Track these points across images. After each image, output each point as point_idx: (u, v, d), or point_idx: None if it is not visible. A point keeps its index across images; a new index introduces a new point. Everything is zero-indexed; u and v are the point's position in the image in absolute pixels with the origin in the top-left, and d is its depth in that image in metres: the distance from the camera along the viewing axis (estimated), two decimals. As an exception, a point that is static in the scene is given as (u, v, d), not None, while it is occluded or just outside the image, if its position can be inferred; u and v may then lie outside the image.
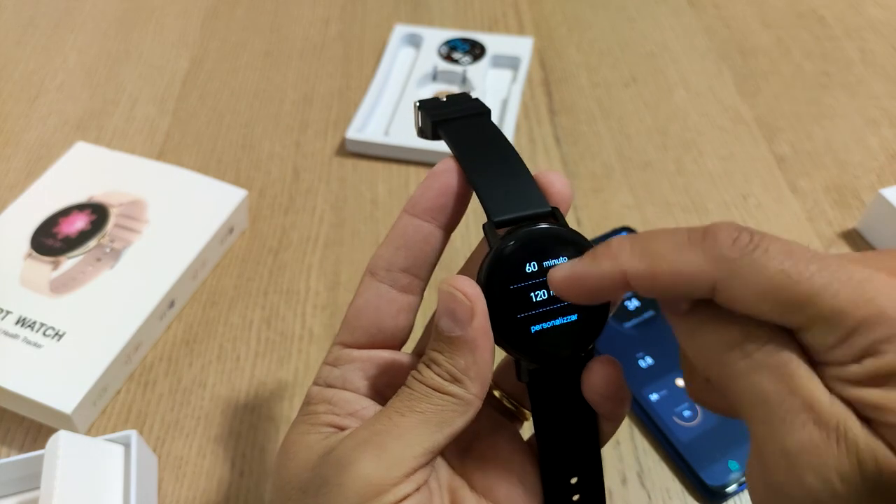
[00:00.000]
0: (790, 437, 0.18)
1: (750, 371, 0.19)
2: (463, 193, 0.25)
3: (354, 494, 0.22)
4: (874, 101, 0.59)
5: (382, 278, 0.26)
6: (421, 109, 0.27)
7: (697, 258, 0.19)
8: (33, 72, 0.63)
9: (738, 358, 0.19)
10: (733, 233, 0.19)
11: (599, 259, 0.21)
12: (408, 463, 0.22)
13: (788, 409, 0.18)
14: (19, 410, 0.40)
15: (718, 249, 0.19)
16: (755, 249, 0.19)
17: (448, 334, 0.23)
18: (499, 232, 0.24)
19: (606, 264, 0.21)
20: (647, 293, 0.21)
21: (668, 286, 0.20)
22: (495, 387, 0.29)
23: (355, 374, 0.26)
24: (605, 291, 0.22)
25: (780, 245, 0.19)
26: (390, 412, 0.23)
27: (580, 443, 0.25)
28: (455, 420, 0.23)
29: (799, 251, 0.19)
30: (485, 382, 0.23)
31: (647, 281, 0.20)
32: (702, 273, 0.19)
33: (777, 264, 0.18)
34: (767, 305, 0.19)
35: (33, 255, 0.44)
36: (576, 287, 0.22)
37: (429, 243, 0.25)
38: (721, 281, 0.19)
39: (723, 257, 0.19)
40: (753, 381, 0.19)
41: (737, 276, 0.19)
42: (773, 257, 0.18)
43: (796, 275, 0.18)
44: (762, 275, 0.18)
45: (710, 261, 0.19)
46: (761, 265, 0.18)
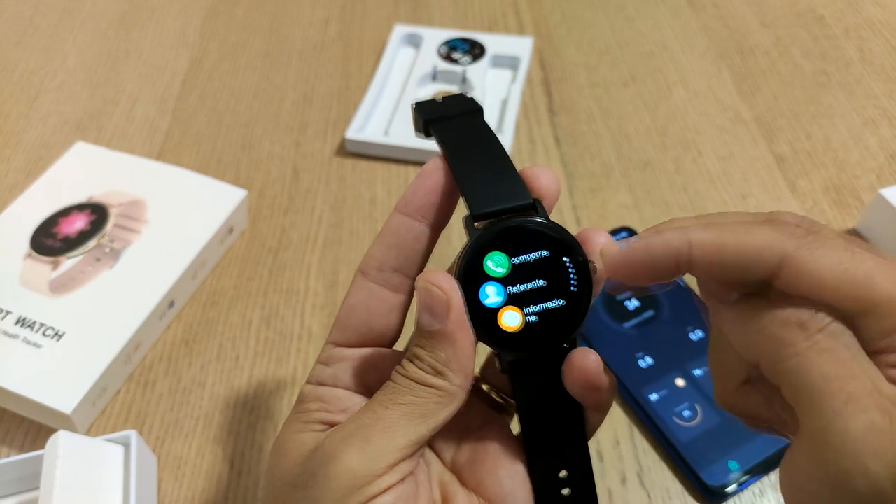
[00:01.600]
0: (852, 421, 0.18)
1: (811, 353, 0.19)
2: (452, 191, 0.26)
3: (340, 486, 0.22)
4: (873, 100, 0.59)
5: (374, 278, 0.26)
6: (416, 110, 0.28)
7: (767, 233, 0.20)
8: (33, 72, 0.63)
9: (801, 339, 0.19)
10: (797, 218, 0.20)
11: (663, 231, 0.21)
12: (392, 454, 0.23)
13: (850, 392, 0.18)
14: (19, 411, 0.40)
15: (786, 228, 0.20)
16: (819, 234, 0.19)
17: (427, 329, 0.23)
18: (477, 225, 0.24)
19: (672, 234, 0.21)
20: (710, 269, 0.21)
21: (735, 259, 0.20)
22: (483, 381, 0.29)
23: (347, 372, 0.26)
24: (664, 265, 0.21)
25: (841, 234, 0.20)
26: (375, 405, 0.24)
27: (566, 434, 0.25)
28: (439, 412, 0.23)
29: (855, 240, 0.20)
30: (467, 374, 0.24)
31: (713, 254, 0.20)
32: (772, 247, 0.20)
33: (842, 248, 0.19)
34: (831, 286, 0.19)
35: (33, 256, 0.44)
36: (635, 260, 0.22)
37: (419, 242, 0.26)
38: (790, 257, 0.19)
39: (792, 234, 0.20)
40: (815, 364, 0.19)
41: (805, 253, 0.19)
42: (836, 242, 0.19)
43: (859, 259, 0.19)
44: (828, 256, 0.19)
45: (780, 236, 0.20)
46: (827, 247, 0.19)
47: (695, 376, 0.40)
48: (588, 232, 0.25)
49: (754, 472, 0.37)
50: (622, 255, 0.22)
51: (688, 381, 0.40)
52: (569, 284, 0.24)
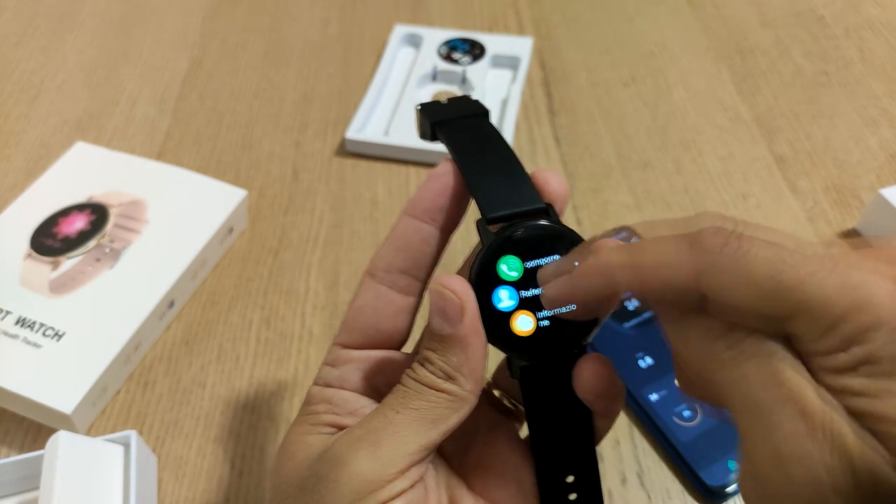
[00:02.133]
0: (776, 428, 0.18)
1: (736, 362, 0.19)
2: (462, 194, 0.25)
3: (350, 491, 0.22)
4: (873, 100, 0.59)
5: (382, 279, 0.26)
6: (421, 112, 0.28)
7: (682, 252, 0.20)
8: (33, 72, 0.63)
9: (724, 348, 0.19)
10: (717, 237, 0.19)
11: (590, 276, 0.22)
12: (402, 460, 0.22)
13: (774, 399, 0.18)
14: (19, 410, 0.40)
15: (704, 254, 0.19)
16: (740, 243, 0.19)
17: (440, 332, 0.23)
18: (491, 229, 0.24)
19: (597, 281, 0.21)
20: (639, 294, 0.21)
21: (655, 283, 0.20)
22: (494, 386, 0.29)
23: (354, 373, 0.26)
24: (599, 297, 0.22)
25: (766, 234, 0.19)
26: (385, 409, 0.23)
27: (574, 440, 0.25)
28: (450, 417, 0.23)
29: (784, 238, 0.19)
30: (478, 379, 0.23)
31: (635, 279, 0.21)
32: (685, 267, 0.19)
33: (761, 253, 0.18)
34: (752, 297, 0.18)
35: (33, 256, 0.44)
36: (572, 298, 0.22)
37: (428, 245, 0.26)
38: (704, 276, 0.19)
39: (709, 248, 0.19)
40: (739, 373, 0.19)
41: (721, 269, 0.19)
42: (757, 247, 0.18)
43: (779, 262, 0.18)
44: (747, 267, 0.18)
45: (693, 254, 0.19)
46: (747, 257, 0.18)
47: (695, 376, 0.40)
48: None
49: (754, 473, 0.37)
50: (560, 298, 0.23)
51: (688, 382, 0.40)
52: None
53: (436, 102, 0.28)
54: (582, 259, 0.22)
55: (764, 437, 0.18)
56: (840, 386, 0.18)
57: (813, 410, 0.17)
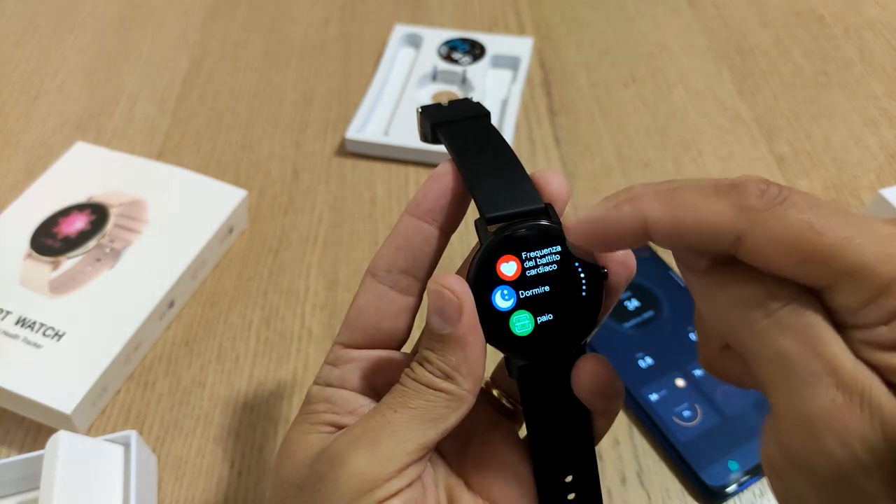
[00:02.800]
0: (812, 400, 0.17)
1: (772, 331, 0.18)
2: (463, 195, 0.26)
3: (348, 489, 0.22)
4: (873, 100, 0.59)
5: (383, 279, 0.26)
6: (422, 114, 0.28)
7: (723, 207, 0.19)
8: (33, 72, 0.63)
9: (761, 317, 0.19)
10: (761, 185, 0.19)
11: (620, 205, 0.21)
12: (400, 459, 0.22)
13: (811, 371, 0.17)
14: (19, 410, 0.40)
15: (745, 200, 0.19)
16: (783, 202, 0.18)
17: (438, 332, 0.23)
18: (490, 229, 0.24)
19: (627, 209, 0.20)
20: (668, 243, 0.20)
21: (691, 236, 0.19)
22: (493, 385, 0.29)
23: (355, 373, 0.26)
24: (622, 238, 0.21)
25: (808, 198, 0.18)
26: (384, 409, 0.23)
27: (573, 440, 0.25)
28: (448, 416, 0.23)
29: (827, 205, 0.18)
30: (477, 378, 0.23)
31: (669, 229, 0.20)
32: (727, 223, 0.19)
33: (803, 216, 0.18)
34: (792, 259, 0.18)
35: (33, 256, 0.44)
36: (592, 232, 0.22)
37: (429, 245, 0.26)
38: (746, 232, 0.18)
39: (749, 208, 0.18)
40: (775, 342, 0.18)
41: (762, 227, 0.18)
42: (799, 209, 0.18)
43: (821, 227, 0.17)
44: (787, 226, 0.18)
45: (735, 211, 0.19)
46: (787, 216, 0.18)
47: (695, 376, 0.40)
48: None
49: (754, 473, 0.37)
50: (581, 227, 0.22)
51: (688, 382, 0.40)
52: (580, 290, 0.24)
53: (437, 105, 0.28)
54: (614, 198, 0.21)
55: (798, 409, 0.18)
56: (879, 361, 0.17)
57: (851, 383, 0.17)
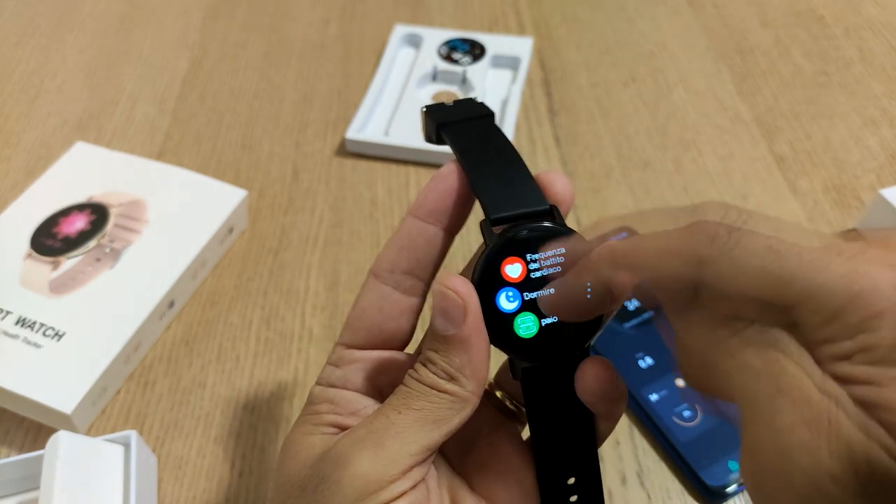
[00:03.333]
0: (780, 415, 0.18)
1: (739, 348, 0.19)
2: (466, 196, 0.25)
3: (352, 491, 0.22)
4: (873, 100, 0.59)
5: (385, 280, 0.26)
6: (426, 114, 0.28)
7: (683, 241, 0.19)
8: (33, 72, 0.63)
9: (728, 335, 0.19)
10: (721, 210, 0.19)
11: (580, 273, 0.22)
12: (405, 460, 0.22)
13: (778, 386, 0.18)
14: (19, 410, 0.40)
15: (705, 230, 0.19)
16: (741, 229, 0.19)
17: (443, 333, 0.23)
18: (495, 230, 0.24)
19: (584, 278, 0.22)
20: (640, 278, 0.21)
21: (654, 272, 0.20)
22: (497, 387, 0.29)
23: (357, 374, 0.26)
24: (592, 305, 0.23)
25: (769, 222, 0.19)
26: (388, 410, 0.23)
27: (576, 442, 0.25)
28: (452, 418, 0.23)
29: (788, 227, 0.18)
30: (481, 380, 0.23)
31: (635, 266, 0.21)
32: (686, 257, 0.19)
33: (763, 241, 0.18)
34: (754, 284, 0.18)
35: (33, 256, 0.44)
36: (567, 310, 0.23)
37: (432, 245, 0.26)
38: (705, 265, 0.19)
39: (710, 238, 0.19)
40: (742, 359, 0.19)
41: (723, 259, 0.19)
42: (756, 241, 0.18)
43: (783, 251, 0.18)
44: (748, 258, 0.18)
45: (694, 244, 0.19)
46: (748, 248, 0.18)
47: (695, 376, 0.40)
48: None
49: (754, 473, 0.37)
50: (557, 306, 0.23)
51: (688, 382, 0.40)
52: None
53: (441, 105, 0.28)
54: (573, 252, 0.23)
55: (765, 426, 0.18)
56: (844, 374, 0.17)
57: (813, 400, 0.17)
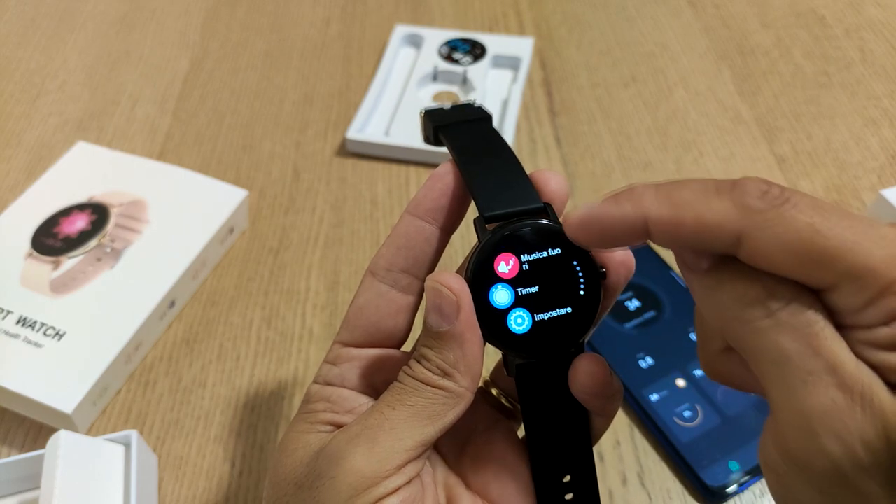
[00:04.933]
0: (812, 399, 0.17)
1: (772, 330, 0.18)
2: (463, 195, 0.26)
3: (347, 487, 0.22)
4: (874, 101, 0.59)
5: (383, 278, 0.26)
6: (425, 117, 0.28)
7: (725, 207, 0.19)
8: (34, 72, 0.63)
9: (761, 316, 0.18)
10: (763, 185, 0.18)
11: (621, 201, 0.21)
12: (399, 456, 0.23)
13: (811, 370, 0.17)
14: (20, 410, 0.40)
15: (747, 199, 0.18)
16: (785, 203, 0.18)
17: (436, 329, 0.23)
18: (489, 227, 0.24)
19: (628, 207, 0.20)
20: (668, 242, 0.20)
21: (691, 235, 0.19)
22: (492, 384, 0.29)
23: (354, 372, 0.26)
24: (622, 236, 0.21)
25: (811, 200, 0.18)
26: (382, 406, 0.24)
27: (571, 439, 0.25)
28: (446, 413, 0.23)
29: (830, 207, 0.18)
30: (475, 375, 0.23)
31: (669, 227, 0.20)
32: (728, 223, 0.19)
33: (806, 218, 0.18)
34: (794, 261, 0.18)
35: (34, 255, 0.44)
36: (592, 229, 0.21)
37: (430, 244, 0.26)
38: (748, 232, 0.18)
39: (751, 207, 0.18)
40: (775, 341, 0.18)
41: (764, 227, 0.18)
42: (802, 211, 0.18)
43: (826, 230, 0.17)
44: (790, 228, 0.18)
45: (737, 210, 0.18)
46: (790, 217, 0.18)
47: (695, 377, 0.40)
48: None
49: (755, 473, 0.37)
50: (580, 224, 0.22)
51: (688, 382, 0.40)
52: (578, 289, 0.24)
53: (440, 108, 0.28)
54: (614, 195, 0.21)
55: (797, 408, 0.18)
56: (880, 361, 0.17)
57: (851, 383, 0.17)
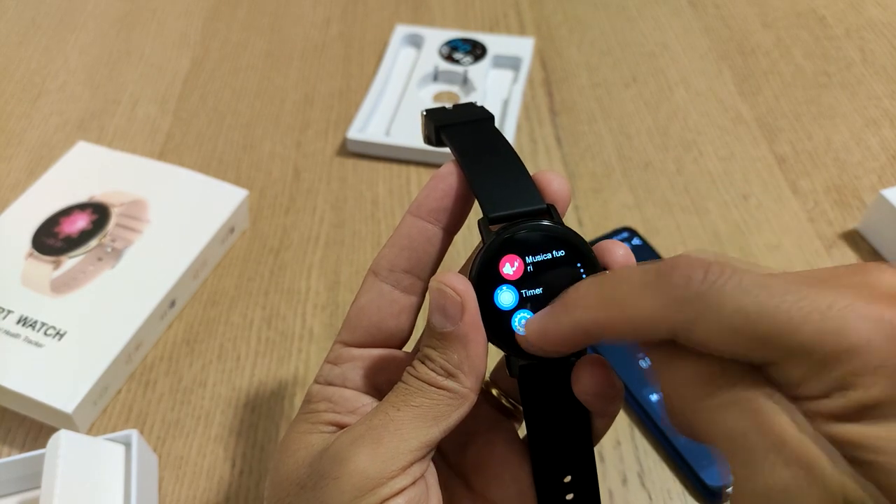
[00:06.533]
0: (765, 478, 0.17)
1: (720, 409, 0.18)
2: (466, 195, 0.26)
3: (351, 488, 0.22)
4: (874, 101, 0.59)
5: (385, 278, 0.26)
6: (426, 117, 0.28)
7: (655, 303, 0.19)
8: (35, 72, 0.63)
9: (707, 396, 0.19)
10: (697, 271, 0.18)
11: (558, 315, 0.22)
12: (404, 457, 0.22)
13: (758, 448, 0.17)
14: (20, 410, 0.40)
15: (676, 292, 0.18)
16: (710, 288, 0.18)
17: (440, 330, 0.23)
18: (492, 228, 0.24)
19: (565, 320, 0.22)
20: (614, 341, 0.21)
21: (627, 334, 0.20)
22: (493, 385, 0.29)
23: (356, 371, 0.26)
24: (573, 344, 0.22)
25: (738, 280, 0.18)
26: (386, 407, 0.23)
27: (572, 440, 0.25)
28: (450, 414, 0.23)
29: (760, 283, 0.18)
30: (479, 376, 0.23)
31: (606, 332, 0.20)
32: (660, 320, 0.19)
33: (735, 302, 0.18)
34: (730, 345, 0.18)
35: (34, 255, 0.44)
36: (546, 343, 0.22)
37: (432, 244, 0.26)
38: (680, 326, 0.19)
39: (681, 300, 0.18)
40: (723, 420, 0.18)
41: (698, 320, 0.18)
42: (729, 295, 0.18)
43: (756, 312, 0.17)
44: (724, 317, 0.18)
45: (668, 305, 0.19)
46: (718, 305, 0.18)
47: (696, 377, 0.40)
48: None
49: (755, 473, 0.36)
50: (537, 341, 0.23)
51: (689, 382, 0.40)
52: None
53: (441, 108, 0.28)
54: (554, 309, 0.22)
55: (754, 488, 0.18)
56: (830, 433, 0.17)
57: (797, 458, 0.17)
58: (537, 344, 0.23)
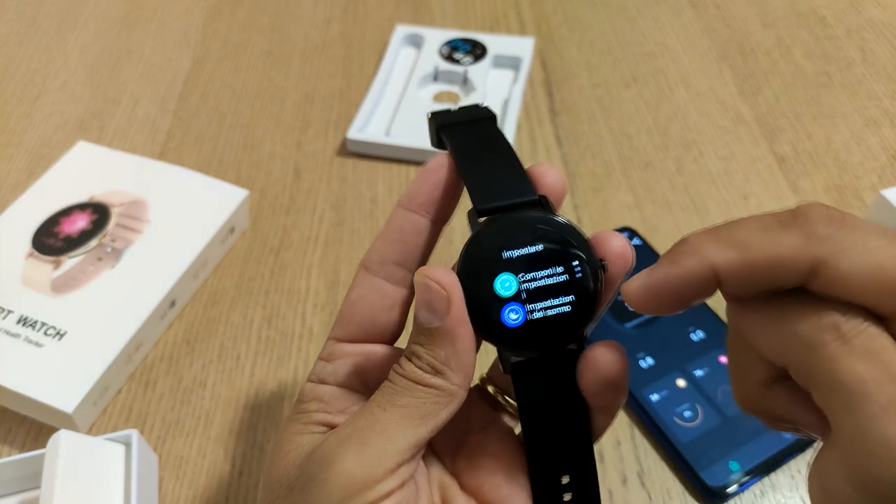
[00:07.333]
0: (880, 427, 0.17)
1: (846, 356, 0.18)
2: (455, 188, 0.26)
3: (338, 490, 0.22)
4: (875, 101, 0.59)
5: (376, 272, 0.26)
6: (431, 119, 0.28)
7: (794, 240, 0.18)
8: (35, 71, 0.63)
9: (834, 343, 0.18)
10: (824, 210, 0.18)
11: (681, 258, 0.20)
12: (391, 458, 0.22)
13: (891, 396, 0.17)
14: (20, 410, 0.40)
15: (816, 228, 0.18)
16: (852, 229, 0.18)
17: (427, 326, 0.22)
18: (482, 220, 0.23)
19: (692, 262, 0.20)
20: (741, 287, 0.20)
21: (764, 275, 0.19)
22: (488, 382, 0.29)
23: (348, 368, 0.26)
24: (693, 294, 0.20)
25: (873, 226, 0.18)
26: (372, 407, 0.23)
27: (570, 439, 0.24)
28: (439, 412, 0.23)
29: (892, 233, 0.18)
30: (467, 372, 0.23)
31: (741, 272, 0.19)
32: (802, 255, 0.18)
33: (876, 246, 0.17)
34: (866, 289, 0.18)
35: (34, 255, 0.44)
36: (660, 296, 0.21)
37: (423, 237, 0.26)
38: (821, 264, 0.18)
39: (821, 236, 0.18)
40: (850, 367, 0.18)
41: (838, 258, 0.18)
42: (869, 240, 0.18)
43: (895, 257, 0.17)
44: (862, 256, 0.17)
45: (809, 241, 0.18)
46: (862, 246, 0.18)
47: (696, 376, 0.40)
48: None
49: (755, 473, 0.37)
50: (644, 294, 0.21)
51: (689, 382, 0.40)
52: (576, 282, 0.23)
53: (445, 110, 0.28)
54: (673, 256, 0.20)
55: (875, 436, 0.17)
56: None
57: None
58: (641, 302, 0.21)
